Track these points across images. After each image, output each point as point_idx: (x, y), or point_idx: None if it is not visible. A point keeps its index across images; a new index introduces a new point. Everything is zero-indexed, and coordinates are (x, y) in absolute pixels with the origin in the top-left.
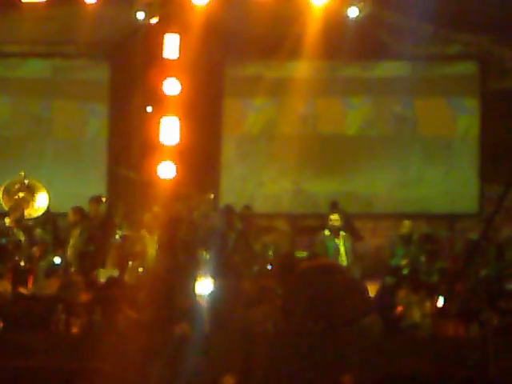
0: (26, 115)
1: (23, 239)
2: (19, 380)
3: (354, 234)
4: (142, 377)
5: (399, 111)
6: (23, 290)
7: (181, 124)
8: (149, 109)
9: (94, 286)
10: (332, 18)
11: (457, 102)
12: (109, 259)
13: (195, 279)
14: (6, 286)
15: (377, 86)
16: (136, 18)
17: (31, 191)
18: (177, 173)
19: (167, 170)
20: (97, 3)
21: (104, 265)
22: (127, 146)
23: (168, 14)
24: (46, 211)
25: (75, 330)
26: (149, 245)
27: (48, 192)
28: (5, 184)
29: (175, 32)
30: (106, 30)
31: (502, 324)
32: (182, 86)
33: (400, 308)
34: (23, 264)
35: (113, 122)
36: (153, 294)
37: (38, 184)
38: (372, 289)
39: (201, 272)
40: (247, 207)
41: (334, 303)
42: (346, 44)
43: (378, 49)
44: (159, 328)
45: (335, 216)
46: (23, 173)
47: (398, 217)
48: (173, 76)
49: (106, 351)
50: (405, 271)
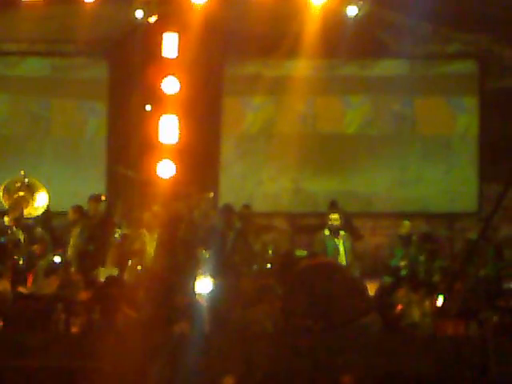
0: (25, 114)
1: (22, 238)
2: (19, 379)
3: (354, 233)
4: (142, 376)
5: (398, 110)
6: (22, 289)
7: (180, 123)
8: (148, 107)
9: (94, 285)
10: (331, 17)
11: (456, 101)
12: (108, 258)
13: (195, 278)
14: (6, 285)
15: (376, 85)
16: (135, 17)
17: (31, 190)
18: (176, 171)
19: (166, 169)
20: (95, 2)
21: (104, 264)
22: (126, 145)
23: (167, 13)
24: (46, 210)
25: (75, 329)
26: (148, 243)
27: (48, 191)
28: (5, 183)
29: (174, 30)
30: (105, 29)
31: (501, 323)
32: (181, 85)
33: (400, 307)
34: (22, 263)
35: (112, 121)
36: (152, 293)
37: (38, 183)
38: (371, 288)
39: (200, 271)
40: (246, 206)
41: (334, 302)
42: (345, 43)
43: (377, 47)
44: (159, 327)
45: (335, 216)
46: (23, 172)
47: (398, 216)
48: (172, 75)
49: (106, 350)
50: (403, 272)
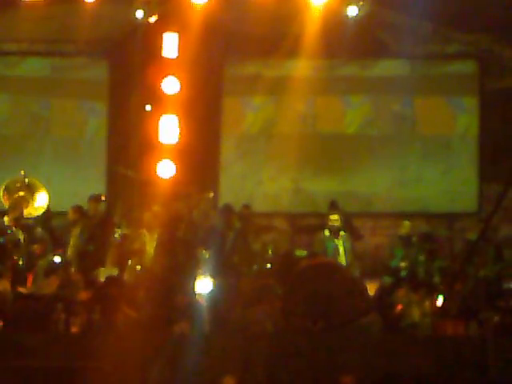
0: (25, 114)
1: (22, 238)
2: (19, 379)
3: (354, 233)
4: (142, 376)
5: (398, 110)
6: (22, 289)
7: (180, 123)
8: (148, 107)
9: (94, 285)
10: (331, 17)
11: (456, 101)
12: (108, 258)
13: (195, 278)
14: (6, 285)
15: (376, 85)
16: (135, 17)
17: (31, 190)
18: (176, 172)
19: (166, 169)
20: (96, 2)
21: (104, 264)
22: (126, 145)
23: (167, 13)
24: (46, 210)
25: (75, 329)
26: (148, 243)
27: (48, 191)
28: (5, 183)
29: (174, 31)
30: (105, 29)
31: (502, 323)
32: (181, 85)
33: (399, 307)
34: (22, 263)
35: (112, 121)
36: (152, 293)
37: (39, 183)
38: (371, 288)
39: (200, 271)
40: (246, 206)
41: (334, 302)
42: (345, 43)
43: (378, 47)
44: (158, 327)
45: (335, 216)
46: (23, 172)
47: (398, 216)
48: (172, 75)
49: (106, 350)
50: (403, 272)
